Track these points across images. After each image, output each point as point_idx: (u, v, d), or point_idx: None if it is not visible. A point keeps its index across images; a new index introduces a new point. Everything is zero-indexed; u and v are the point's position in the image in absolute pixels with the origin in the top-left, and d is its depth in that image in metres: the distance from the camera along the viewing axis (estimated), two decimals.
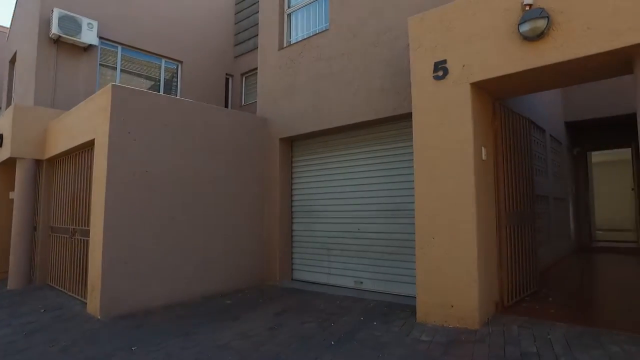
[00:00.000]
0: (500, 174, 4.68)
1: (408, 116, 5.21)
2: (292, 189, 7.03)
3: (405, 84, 5.27)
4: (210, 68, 10.75)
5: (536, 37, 3.74)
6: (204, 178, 5.97)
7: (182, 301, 5.49)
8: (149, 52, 9.50)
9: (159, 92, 9.61)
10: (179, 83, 10.17)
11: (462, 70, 4.24)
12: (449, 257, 4.18)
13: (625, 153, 11.12)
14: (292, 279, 6.88)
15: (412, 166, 4.58)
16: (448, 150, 4.27)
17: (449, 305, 4.13)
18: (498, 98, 4.75)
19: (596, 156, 11.47)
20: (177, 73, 10.18)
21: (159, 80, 9.81)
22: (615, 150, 11.15)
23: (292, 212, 6.99)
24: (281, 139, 6.84)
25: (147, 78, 9.60)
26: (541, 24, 3.68)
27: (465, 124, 4.19)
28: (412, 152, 4.58)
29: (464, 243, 4.10)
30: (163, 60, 9.83)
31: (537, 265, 5.39)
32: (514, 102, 5.80)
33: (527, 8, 3.78)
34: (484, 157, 4.39)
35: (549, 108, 8.02)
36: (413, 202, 5.25)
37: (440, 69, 4.38)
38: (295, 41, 6.98)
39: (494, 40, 4.03)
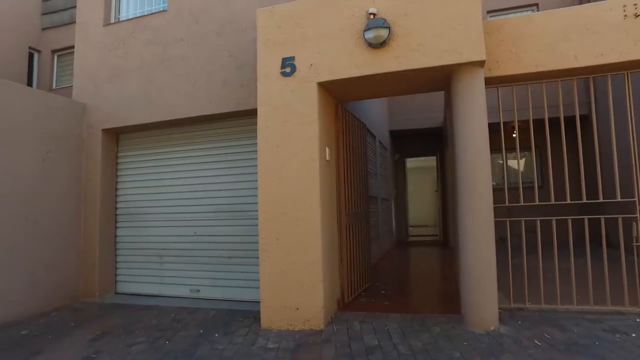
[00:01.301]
0: (341, 175, 4.83)
1: (252, 112, 4.96)
2: (116, 189, 6.06)
3: (251, 78, 5.03)
4: (5, 37, 8.62)
5: (379, 45, 3.94)
6: None
7: None
8: None
9: None
10: None
11: (309, 69, 4.21)
12: (293, 258, 4.09)
13: (431, 160, 13.16)
14: (115, 293, 5.92)
15: (256, 165, 4.36)
16: (293, 149, 4.18)
17: (294, 308, 4.03)
18: (341, 100, 4.91)
19: (410, 162, 13.27)
20: None
21: None
22: (424, 157, 13.10)
23: (116, 215, 6.03)
24: (105, 130, 5.82)
25: None
26: (383, 33, 3.89)
27: (311, 123, 4.17)
28: (256, 151, 4.36)
29: (309, 243, 4.06)
30: None
31: (370, 261, 5.78)
32: (352, 107, 6.13)
33: (372, 17, 3.96)
34: (327, 157, 4.46)
35: (379, 116, 8.85)
36: (255, 203, 5.03)
37: (288, 66, 4.28)
38: (125, 18, 6.04)
39: (341, 44, 4.11)
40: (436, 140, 11.26)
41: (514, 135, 4.49)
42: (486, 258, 3.69)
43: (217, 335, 3.92)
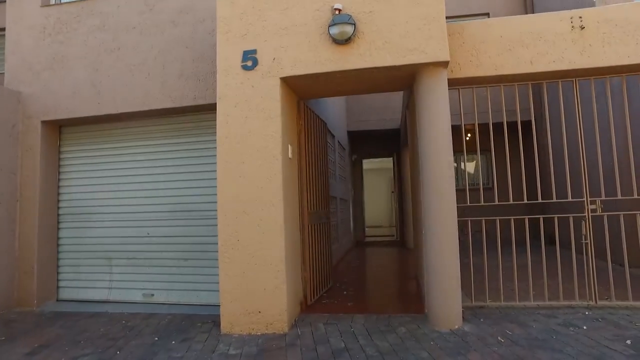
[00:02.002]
0: (303, 173, 4.72)
1: (210, 107, 4.78)
2: (59, 186, 5.57)
3: (209, 71, 4.82)
4: None
5: (344, 41, 3.87)
6: None
7: None
8: None
9: None
10: None
11: (272, 63, 4.06)
12: (255, 260, 3.93)
13: (386, 162, 13.34)
14: (57, 300, 5.44)
15: (213, 163, 4.15)
16: (255, 146, 4.02)
17: (256, 311, 3.86)
18: (303, 97, 4.80)
19: (365, 164, 13.37)
20: None
21: None
22: (380, 159, 13.26)
23: (58, 214, 5.55)
24: (45, 122, 5.33)
25: None
26: (349, 29, 3.82)
27: (274, 119, 4.02)
28: (215, 147, 4.15)
29: (271, 244, 3.92)
30: None
31: (332, 261, 5.72)
32: (312, 105, 6.04)
33: (337, 12, 3.88)
34: (290, 155, 4.33)
35: (338, 116, 8.83)
36: (213, 202, 4.84)
37: (250, 59, 4.11)
38: (68, 0, 5.55)
39: (305, 38, 4.00)
40: (393, 142, 11.43)
41: (467, 138, 4.58)
42: (450, 257, 3.72)
43: (174, 342, 3.67)
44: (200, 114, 5.12)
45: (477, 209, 4.40)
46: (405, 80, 4.33)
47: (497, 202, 4.33)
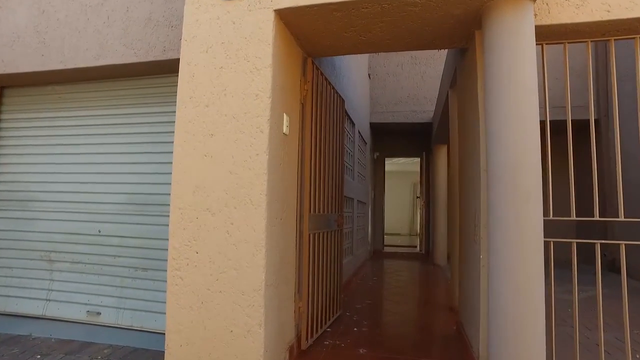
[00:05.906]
0: (306, 159, 3.32)
1: None
2: None
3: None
4: None
5: None
6: None
7: None
8: None
9: None
10: None
11: None
12: (221, 285, 2.55)
13: (410, 164, 11.81)
14: None
15: None
16: (231, 110, 2.65)
17: None
18: (312, 53, 3.41)
19: (388, 165, 11.88)
20: None
21: None
22: (403, 160, 11.74)
23: None
24: None
25: None
26: None
27: (261, 72, 2.65)
28: None
29: (246, 262, 2.53)
30: None
31: (341, 281, 4.28)
32: (327, 76, 4.64)
33: None
34: (285, 129, 2.94)
35: (360, 102, 7.38)
36: None
37: None
38: None
39: None
40: (422, 139, 9.95)
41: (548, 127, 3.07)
42: (532, 299, 2.26)
43: None
44: (171, 76, 3.78)
45: (565, 225, 2.90)
46: (462, 25, 2.88)
47: (597, 217, 2.83)
